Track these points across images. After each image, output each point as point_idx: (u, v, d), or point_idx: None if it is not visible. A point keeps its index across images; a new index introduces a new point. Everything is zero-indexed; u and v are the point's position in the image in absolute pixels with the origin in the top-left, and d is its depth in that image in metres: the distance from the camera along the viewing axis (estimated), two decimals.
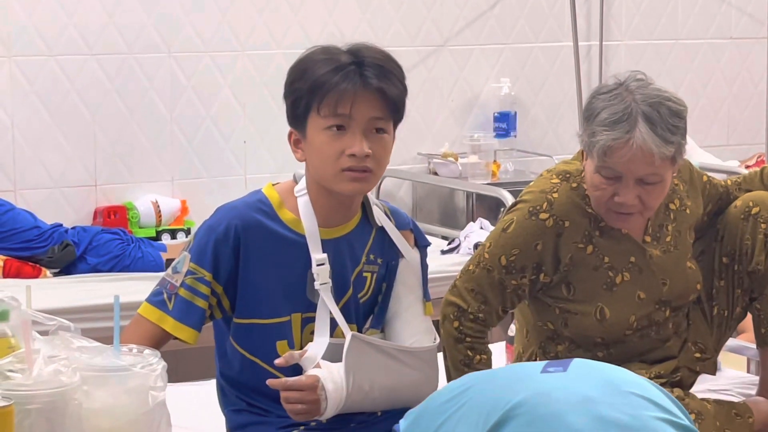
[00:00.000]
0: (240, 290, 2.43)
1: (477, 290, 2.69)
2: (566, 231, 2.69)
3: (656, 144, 2.57)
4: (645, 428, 1.89)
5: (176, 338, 2.43)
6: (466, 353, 2.68)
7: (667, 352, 2.81)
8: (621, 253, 2.73)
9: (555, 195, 2.70)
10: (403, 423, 2.12)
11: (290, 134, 2.48)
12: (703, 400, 2.77)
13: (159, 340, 2.41)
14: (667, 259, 2.78)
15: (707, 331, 2.89)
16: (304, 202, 2.46)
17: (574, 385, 1.93)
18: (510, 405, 1.90)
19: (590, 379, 1.97)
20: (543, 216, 2.69)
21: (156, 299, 2.43)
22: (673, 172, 2.68)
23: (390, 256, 2.54)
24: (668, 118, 2.59)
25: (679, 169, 2.81)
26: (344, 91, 2.37)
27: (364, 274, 2.51)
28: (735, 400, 2.93)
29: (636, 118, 2.58)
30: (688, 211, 2.84)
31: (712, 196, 2.93)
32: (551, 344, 2.78)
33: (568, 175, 2.74)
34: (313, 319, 2.45)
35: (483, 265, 2.70)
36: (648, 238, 2.77)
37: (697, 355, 2.86)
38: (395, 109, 2.42)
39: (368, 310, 2.54)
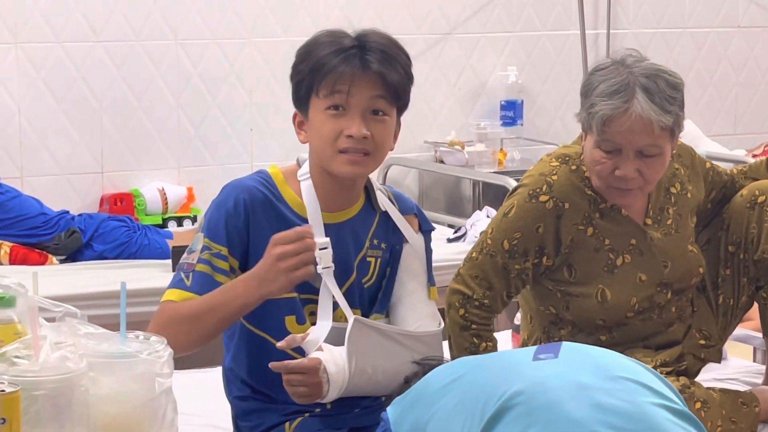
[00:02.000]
0: (251, 264, 2.43)
1: (481, 276, 2.70)
2: (566, 213, 2.70)
3: (655, 112, 2.59)
4: (643, 415, 1.89)
5: None
6: (471, 340, 2.68)
7: (671, 336, 2.81)
8: (621, 235, 2.74)
9: (554, 177, 2.71)
10: (391, 411, 2.09)
11: (295, 116, 2.49)
12: (709, 389, 2.77)
13: None
14: (668, 241, 2.78)
15: (712, 319, 2.90)
16: (307, 186, 2.47)
17: (568, 373, 1.93)
18: (506, 395, 1.89)
19: (583, 364, 1.96)
20: (543, 198, 2.70)
21: (174, 281, 2.43)
22: (672, 147, 2.68)
23: (394, 240, 2.55)
24: (666, 89, 2.62)
25: (679, 153, 2.82)
26: (343, 73, 2.38)
27: (368, 258, 2.52)
28: (741, 389, 2.93)
29: (634, 89, 2.60)
30: (689, 195, 2.85)
31: (716, 183, 2.93)
32: (554, 329, 2.79)
33: (567, 158, 2.75)
34: (311, 301, 2.46)
35: (486, 251, 2.71)
36: (649, 221, 2.78)
37: (702, 342, 2.86)
38: (396, 95, 2.42)
39: (373, 296, 2.54)
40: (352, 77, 2.37)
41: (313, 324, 2.44)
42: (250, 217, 2.42)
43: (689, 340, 2.85)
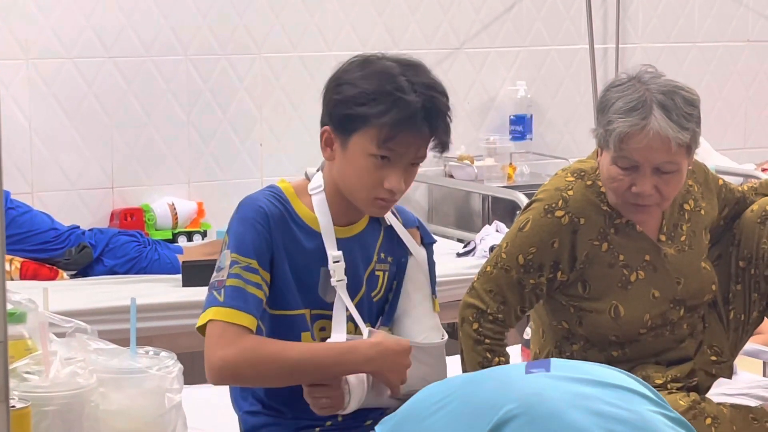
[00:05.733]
0: (273, 278, 2.44)
1: (496, 291, 2.69)
2: (582, 228, 2.70)
3: (672, 129, 2.59)
4: (644, 421, 1.89)
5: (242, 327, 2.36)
6: (485, 355, 2.68)
7: (683, 352, 2.81)
8: (636, 251, 2.73)
9: (570, 192, 2.71)
10: (380, 429, 2.09)
11: (323, 132, 2.45)
12: (719, 404, 2.76)
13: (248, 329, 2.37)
14: (681, 258, 2.78)
15: (723, 334, 2.89)
16: (319, 200, 2.47)
17: (563, 384, 1.93)
18: (504, 408, 1.89)
19: (575, 376, 1.96)
20: (558, 213, 2.69)
21: (208, 301, 2.38)
22: (688, 164, 2.68)
23: (399, 254, 2.56)
24: (683, 106, 2.62)
25: (693, 170, 2.82)
26: (412, 138, 2.37)
27: (377, 272, 2.53)
28: (751, 404, 2.92)
29: (651, 106, 2.60)
30: (702, 212, 2.84)
31: (729, 200, 2.93)
32: (566, 344, 2.78)
33: (582, 173, 2.75)
34: (323, 317, 2.46)
35: (501, 265, 2.71)
36: (663, 237, 2.77)
37: (713, 358, 2.86)
38: (442, 151, 2.45)
39: (380, 309, 2.55)
40: (419, 144, 2.38)
41: (323, 339, 2.45)
42: (271, 230, 2.42)
43: (701, 356, 2.84)
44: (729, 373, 2.91)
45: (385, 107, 2.36)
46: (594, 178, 2.73)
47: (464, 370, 2.70)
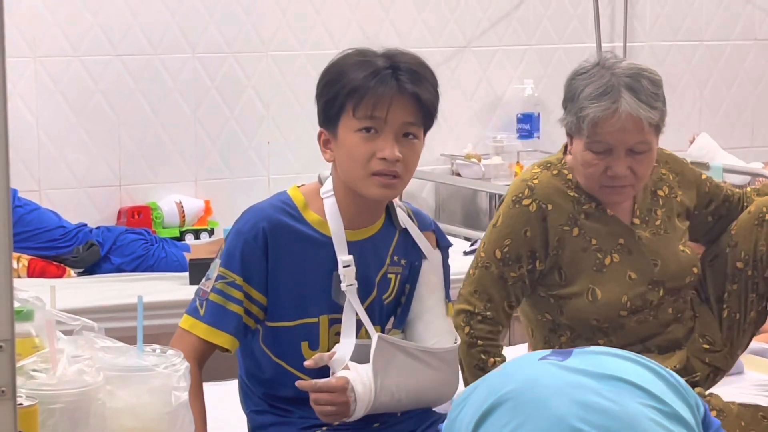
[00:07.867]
0: (271, 292, 2.43)
1: (480, 290, 2.73)
2: (550, 214, 2.75)
3: (643, 109, 2.66)
4: (626, 414, 1.89)
5: (215, 345, 2.41)
6: (479, 357, 2.70)
7: (670, 337, 2.83)
8: (608, 235, 2.77)
9: (535, 181, 2.78)
10: (441, 426, 2.13)
11: (320, 134, 2.48)
12: (728, 402, 2.77)
13: (199, 349, 2.40)
14: (657, 241, 2.81)
15: (715, 325, 2.91)
16: (330, 204, 2.47)
17: (563, 372, 1.94)
18: (501, 392, 1.92)
19: (581, 365, 1.97)
20: (525, 202, 2.75)
21: (191, 307, 2.45)
22: (657, 143, 2.74)
23: (413, 257, 2.55)
24: (649, 87, 2.69)
25: (667, 161, 2.89)
26: (381, 95, 2.37)
27: (389, 275, 2.52)
28: (762, 403, 2.92)
29: (619, 89, 2.67)
30: (678, 199, 2.89)
31: (715, 195, 2.96)
32: (554, 336, 2.81)
33: (549, 165, 2.82)
34: (339, 321, 2.46)
35: (481, 264, 2.76)
36: (637, 221, 2.82)
37: (706, 346, 2.88)
38: (428, 115, 2.43)
39: (391, 311, 2.55)
40: (391, 99, 2.37)
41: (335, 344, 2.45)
42: (268, 245, 2.42)
43: (692, 343, 2.87)
44: (725, 363, 2.92)
45: (354, 74, 2.39)
46: (560, 168, 2.80)
47: (465, 379, 2.71)
